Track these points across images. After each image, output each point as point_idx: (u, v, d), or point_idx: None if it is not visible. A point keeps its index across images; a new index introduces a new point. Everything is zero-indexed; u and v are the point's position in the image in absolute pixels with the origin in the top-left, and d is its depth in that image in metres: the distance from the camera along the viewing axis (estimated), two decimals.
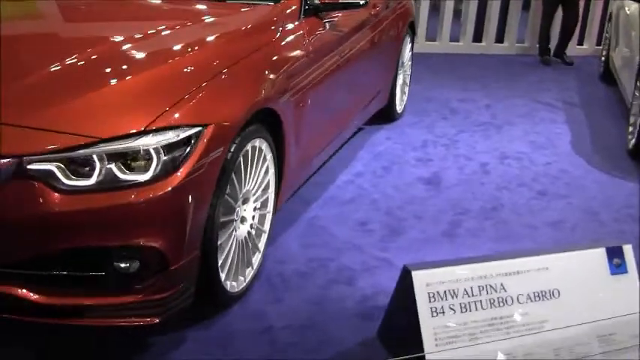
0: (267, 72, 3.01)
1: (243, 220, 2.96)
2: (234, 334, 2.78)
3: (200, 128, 2.50)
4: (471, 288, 2.67)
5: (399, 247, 3.61)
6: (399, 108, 5.57)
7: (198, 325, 2.80)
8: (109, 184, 2.36)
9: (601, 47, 8.48)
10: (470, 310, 2.65)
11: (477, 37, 8.52)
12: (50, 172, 2.32)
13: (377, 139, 5.17)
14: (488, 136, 5.50)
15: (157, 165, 2.39)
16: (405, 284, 2.67)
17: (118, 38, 2.94)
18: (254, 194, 3.01)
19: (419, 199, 4.22)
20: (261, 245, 3.15)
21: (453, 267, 2.69)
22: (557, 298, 2.78)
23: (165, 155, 2.40)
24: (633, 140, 5.10)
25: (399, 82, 5.43)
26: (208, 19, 3.34)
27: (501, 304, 2.70)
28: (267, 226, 3.18)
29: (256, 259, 3.11)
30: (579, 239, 3.86)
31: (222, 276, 2.78)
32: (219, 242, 2.71)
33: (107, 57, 2.77)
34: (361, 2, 3.72)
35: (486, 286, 2.70)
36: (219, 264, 2.74)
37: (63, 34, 3.21)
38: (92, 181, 2.35)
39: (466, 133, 5.51)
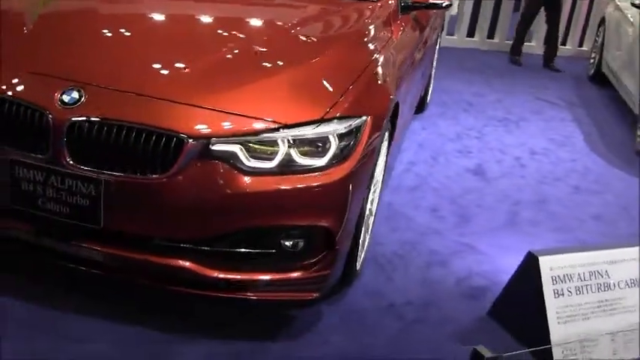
0: (393, 66, 3.22)
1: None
2: (364, 310, 3.01)
3: (365, 118, 2.69)
4: (584, 273, 2.99)
5: (473, 233, 3.89)
6: (428, 99, 5.85)
7: (330, 301, 2.99)
8: (288, 167, 2.53)
9: (587, 49, 9.01)
10: (583, 293, 2.97)
11: (470, 32, 8.89)
12: (233, 154, 2.47)
13: (414, 128, 5.43)
14: (510, 130, 5.85)
15: (333, 152, 2.57)
16: (528, 268, 2.96)
17: (270, 31, 3.10)
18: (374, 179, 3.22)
19: (473, 189, 4.52)
20: (371, 226, 3.37)
21: (570, 254, 3.00)
22: None
23: (339, 143, 2.58)
24: None
25: None
26: (336, 16, 3.51)
27: (606, 289, 3.03)
28: (374, 209, 3.40)
29: (367, 239, 3.33)
30: (621, 232, 4.24)
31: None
32: None
33: (269, 46, 2.93)
34: (444, 4, 3.95)
35: (595, 272, 3.02)
36: None
37: (225, 21, 3.32)
38: (273, 164, 2.51)
39: (490, 127, 5.85)
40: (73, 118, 2.45)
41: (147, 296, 2.81)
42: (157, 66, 2.71)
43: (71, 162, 2.45)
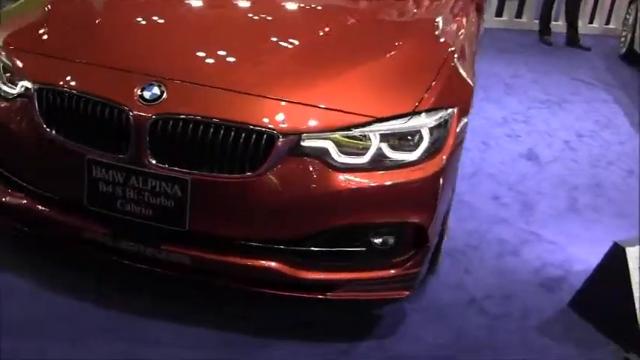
0: (466, 53, 3.13)
1: None
2: (445, 306, 2.95)
3: (452, 110, 2.61)
4: None
5: (537, 221, 3.83)
6: None
7: (410, 298, 2.90)
8: (379, 162, 2.44)
9: (614, 27, 8.91)
10: None
11: (498, 11, 8.79)
12: (324, 150, 2.39)
13: None
14: (554, 113, 5.77)
15: (426, 145, 2.49)
16: (613, 259, 2.90)
17: (348, 21, 3.02)
18: None
19: (529, 174, 4.45)
20: None
21: None
22: None
23: (430, 136, 2.50)
24: None
25: None
26: (406, 5, 3.41)
27: None
28: None
29: None
30: None
31: None
32: None
33: (347, 38, 2.85)
34: None
35: None
36: None
37: (300, 12, 3.21)
38: (365, 159, 2.42)
39: (534, 109, 5.76)
40: (156, 116, 2.35)
41: (224, 297, 2.74)
42: (240, 59, 2.62)
43: (154, 162, 2.36)
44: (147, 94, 2.39)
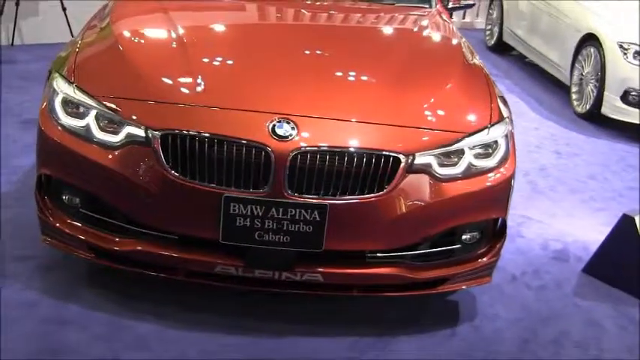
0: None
1: None
2: (499, 285, 3.43)
3: (507, 119, 3.10)
4: None
5: (519, 204, 4.40)
6: None
7: None
8: (469, 170, 2.88)
9: (469, 20, 9.93)
10: None
11: None
12: (429, 165, 2.79)
13: None
14: None
15: (502, 152, 2.96)
16: (625, 228, 3.53)
17: (413, 51, 3.48)
18: None
19: None
20: None
21: None
22: None
23: (505, 143, 2.97)
24: (586, 106, 6.36)
25: None
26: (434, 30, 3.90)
27: None
28: None
29: None
30: (616, 186, 4.99)
31: None
32: None
33: (422, 69, 3.29)
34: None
35: None
36: None
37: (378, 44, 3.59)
38: (460, 169, 2.86)
39: None
40: (295, 150, 2.62)
41: (335, 307, 3.08)
42: (349, 92, 2.98)
43: (293, 192, 2.62)
44: (280, 132, 2.65)
